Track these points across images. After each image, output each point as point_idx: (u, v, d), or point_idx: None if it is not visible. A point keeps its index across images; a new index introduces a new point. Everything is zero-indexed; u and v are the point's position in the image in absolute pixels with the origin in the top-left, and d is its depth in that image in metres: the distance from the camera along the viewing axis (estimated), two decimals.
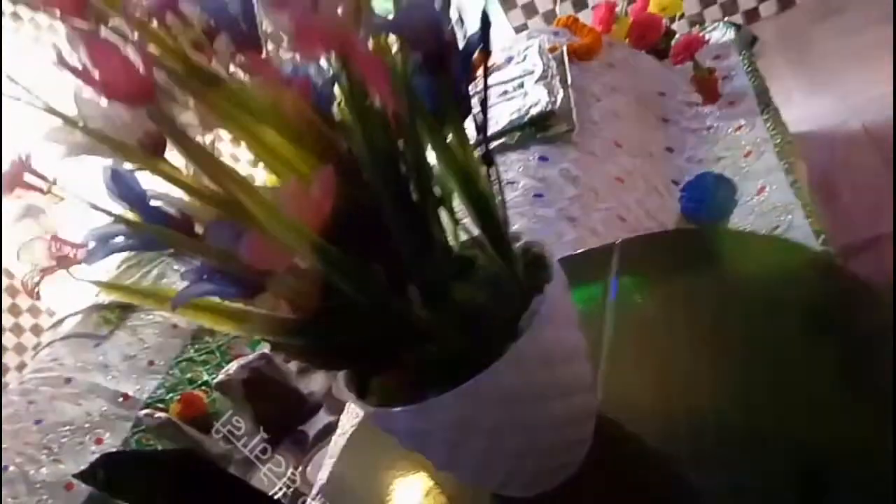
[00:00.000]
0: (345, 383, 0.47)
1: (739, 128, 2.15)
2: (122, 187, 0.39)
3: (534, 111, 2.00)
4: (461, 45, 0.38)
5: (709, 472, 0.53)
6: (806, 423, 0.53)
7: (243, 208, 0.34)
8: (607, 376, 0.60)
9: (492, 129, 2.07)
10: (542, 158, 1.95)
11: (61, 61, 0.31)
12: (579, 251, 0.92)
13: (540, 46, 2.30)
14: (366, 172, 0.38)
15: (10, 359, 3.67)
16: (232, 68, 0.38)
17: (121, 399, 1.87)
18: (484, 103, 0.41)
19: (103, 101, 0.34)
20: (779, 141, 2.01)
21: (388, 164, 0.38)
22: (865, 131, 2.62)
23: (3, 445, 1.69)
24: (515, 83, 2.24)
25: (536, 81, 2.14)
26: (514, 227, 1.90)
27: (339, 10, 0.32)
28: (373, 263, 0.38)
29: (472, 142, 0.44)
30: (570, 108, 2.02)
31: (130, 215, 0.39)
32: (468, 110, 0.41)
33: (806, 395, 0.54)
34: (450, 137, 0.40)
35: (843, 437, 0.51)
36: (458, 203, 0.46)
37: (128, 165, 0.38)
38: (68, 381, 1.90)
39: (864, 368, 0.53)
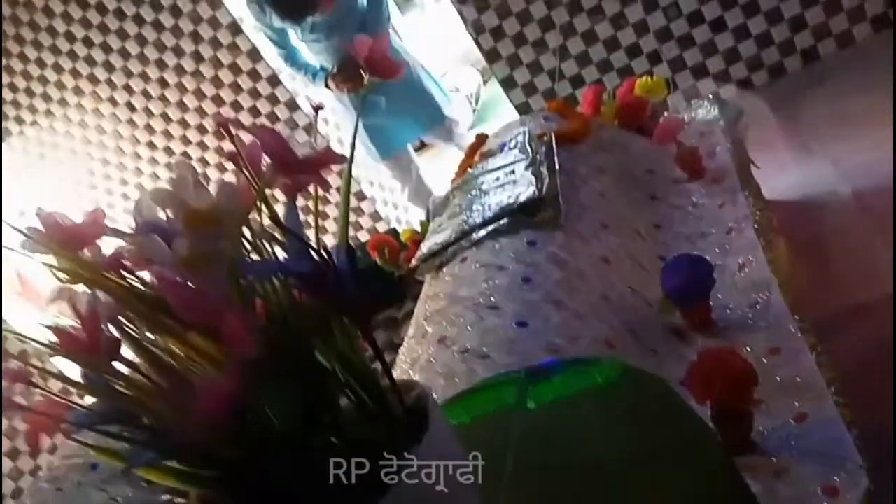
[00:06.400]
0: None
1: (722, 205, 2.24)
2: (94, 382, 0.53)
3: (522, 198, 2.13)
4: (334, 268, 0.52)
5: None
6: None
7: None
8: (513, 488, 0.71)
9: (484, 215, 2.20)
10: (531, 243, 2.06)
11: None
12: (504, 372, 1.03)
13: (529, 133, 2.45)
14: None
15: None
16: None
17: (144, 484, 1.98)
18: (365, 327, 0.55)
19: None
20: (758, 217, 2.10)
21: (282, 354, 0.52)
22: (855, 197, 2.68)
23: None
24: (507, 170, 2.38)
25: (525, 168, 2.28)
26: (505, 310, 1.94)
27: (214, 281, 0.46)
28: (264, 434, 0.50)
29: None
30: (557, 193, 2.14)
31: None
32: (347, 315, 0.54)
33: None
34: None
35: None
36: None
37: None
38: (94, 467, 2.03)
39: None
